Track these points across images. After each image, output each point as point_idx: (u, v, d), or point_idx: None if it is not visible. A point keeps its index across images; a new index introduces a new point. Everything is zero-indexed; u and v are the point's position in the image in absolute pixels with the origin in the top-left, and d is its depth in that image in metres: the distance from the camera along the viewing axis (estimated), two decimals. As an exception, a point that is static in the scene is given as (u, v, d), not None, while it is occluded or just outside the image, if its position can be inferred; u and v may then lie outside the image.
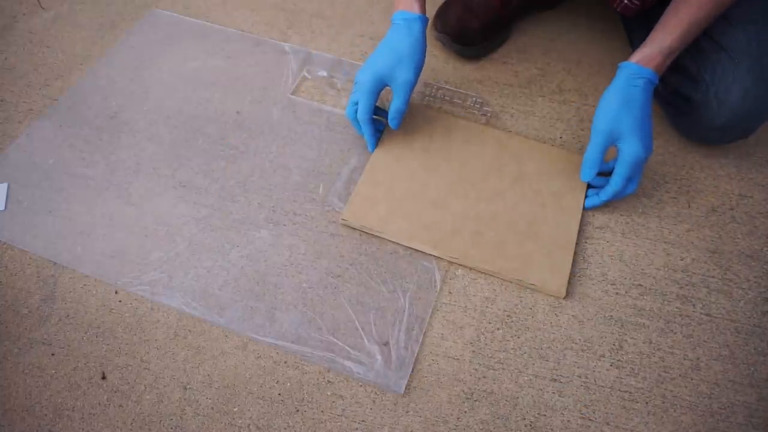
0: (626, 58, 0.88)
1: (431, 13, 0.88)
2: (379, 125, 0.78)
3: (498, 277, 0.68)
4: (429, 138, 0.78)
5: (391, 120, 0.73)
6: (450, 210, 0.71)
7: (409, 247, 0.70)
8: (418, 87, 0.85)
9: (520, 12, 0.91)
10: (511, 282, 0.67)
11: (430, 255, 0.69)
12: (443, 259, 0.69)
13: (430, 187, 0.73)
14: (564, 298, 0.66)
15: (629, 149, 0.65)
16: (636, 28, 0.85)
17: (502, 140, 0.78)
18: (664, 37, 0.65)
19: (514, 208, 0.71)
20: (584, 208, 0.72)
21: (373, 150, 0.77)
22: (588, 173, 0.69)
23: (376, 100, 0.72)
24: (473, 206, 0.71)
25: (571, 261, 0.68)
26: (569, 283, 0.67)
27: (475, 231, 0.69)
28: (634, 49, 0.85)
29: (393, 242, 0.70)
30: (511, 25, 0.91)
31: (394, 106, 0.72)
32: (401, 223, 0.70)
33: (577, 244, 0.70)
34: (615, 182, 0.67)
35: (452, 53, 0.90)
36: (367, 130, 0.74)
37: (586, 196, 0.72)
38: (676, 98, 0.76)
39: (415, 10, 0.71)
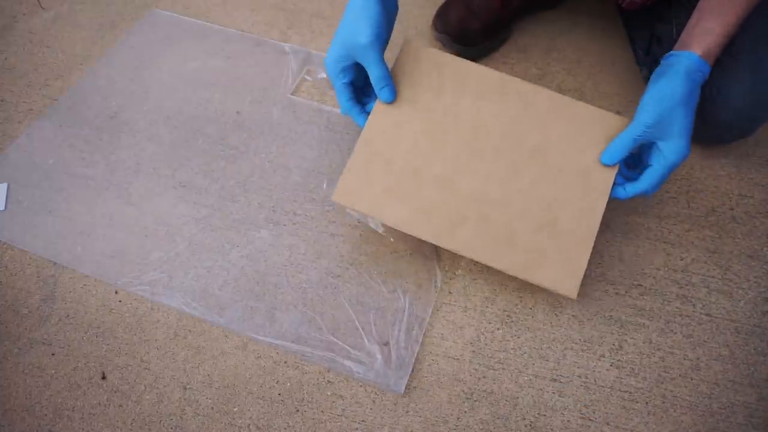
0: (627, 57, 0.88)
1: (431, 13, 0.88)
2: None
3: (505, 273, 0.63)
4: (437, 92, 0.65)
5: (379, 93, 0.63)
6: (456, 190, 0.62)
7: (409, 235, 0.63)
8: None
9: (520, 12, 0.90)
10: (518, 279, 0.67)
11: (431, 256, 0.69)
12: (445, 249, 0.64)
13: (435, 160, 0.63)
14: (563, 301, 0.66)
15: (675, 151, 0.58)
16: (636, 27, 0.85)
17: (527, 96, 0.64)
18: (723, 30, 0.59)
19: (531, 189, 0.62)
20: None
21: None
22: (611, 158, 0.60)
23: (350, 79, 0.64)
24: (483, 186, 0.62)
25: (588, 257, 0.59)
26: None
27: (483, 218, 0.61)
28: (635, 48, 0.85)
29: (392, 242, 0.70)
30: (512, 25, 0.91)
31: (372, 77, 0.62)
32: (399, 205, 0.62)
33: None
34: (651, 181, 0.60)
35: (453, 54, 0.89)
36: (355, 117, 0.66)
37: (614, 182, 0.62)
38: None
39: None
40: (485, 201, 0.61)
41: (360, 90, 0.67)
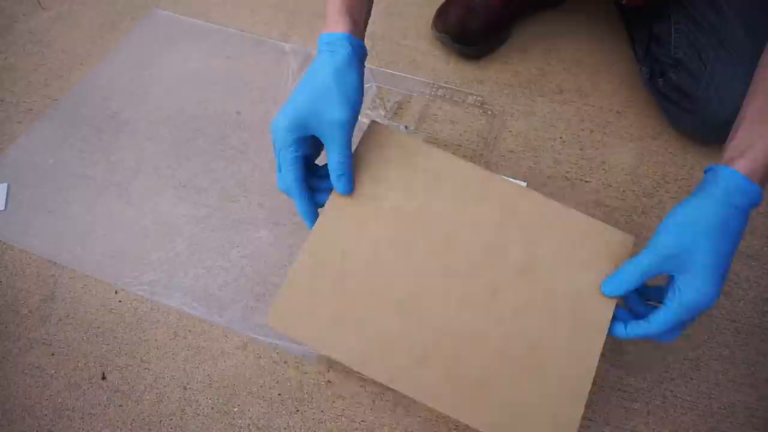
0: (627, 57, 0.88)
1: (431, 12, 0.88)
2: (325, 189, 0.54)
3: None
4: (407, 189, 0.53)
5: (335, 182, 0.51)
6: (422, 318, 0.49)
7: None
8: (419, 87, 0.85)
9: (520, 12, 0.91)
10: None
11: None
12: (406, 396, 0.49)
13: (399, 277, 0.50)
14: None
15: (694, 290, 0.45)
16: (636, 25, 0.85)
17: (511, 199, 0.53)
18: None
19: (513, 319, 0.49)
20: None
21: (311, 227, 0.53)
22: (613, 289, 0.49)
23: (301, 152, 0.51)
24: (455, 315, 0.49)
25: (580, 416, 0.47)
26: None
27: (453, 356, 0.48)
28: (635, 47, 0.85)
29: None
30: (512, 25, 0.91)
31: (331, 161, 0.50)
32: (349, 335, 0.49)
33: None
34: (660, 323, 0.46)
35: (453, 53, 0.90)
36: (299, 201, 0.52)
37: (613, 317, 0.49)
38: (678, 95, 0.75)
39: (339, 28, 0.51)
40: (457, 334, 0.49)
41: (308, 168, 0.53)
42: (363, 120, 0.81)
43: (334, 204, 0.53)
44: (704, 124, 0.73)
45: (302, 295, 0.50)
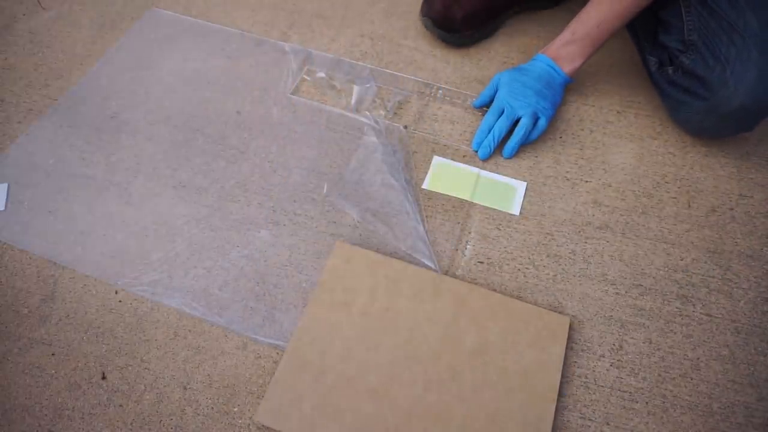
0: (627, 57, 0.88)
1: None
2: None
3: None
4: (370, 295, 0.64)
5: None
6: (392, 403, 0.58)
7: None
8: (418, 87, 0.86)
9: (508, 6, 0.91)
10: None
11: (430, 256, 0.69)
12: None
13: (370, 368, 0.59)
14: (563, 301, 0.66)
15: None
16: (640, 16, 0.84)
17: (461, 295, 0.64)
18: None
19: (473, 397, 0.58)
20: (504, 157, 0.78)
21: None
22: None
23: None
24: (421, 397, 0.58)
25: None
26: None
27: None
28: (639, 40, 0.84)
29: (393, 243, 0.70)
30: (501, 18, 0.91)
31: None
32: (331, 423, 0.57)
33: (576, 244, 0.70)
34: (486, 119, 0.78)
35: (453, 54, 0.90)
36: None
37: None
38: (690, 80, 0.74)
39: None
40: (424, 414, 0.57)
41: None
42: (363, 120, 0.81)
43: (313, 310, 0.63)
44: (716, 111, 0.71)
45: (286, 393, 0.58)
